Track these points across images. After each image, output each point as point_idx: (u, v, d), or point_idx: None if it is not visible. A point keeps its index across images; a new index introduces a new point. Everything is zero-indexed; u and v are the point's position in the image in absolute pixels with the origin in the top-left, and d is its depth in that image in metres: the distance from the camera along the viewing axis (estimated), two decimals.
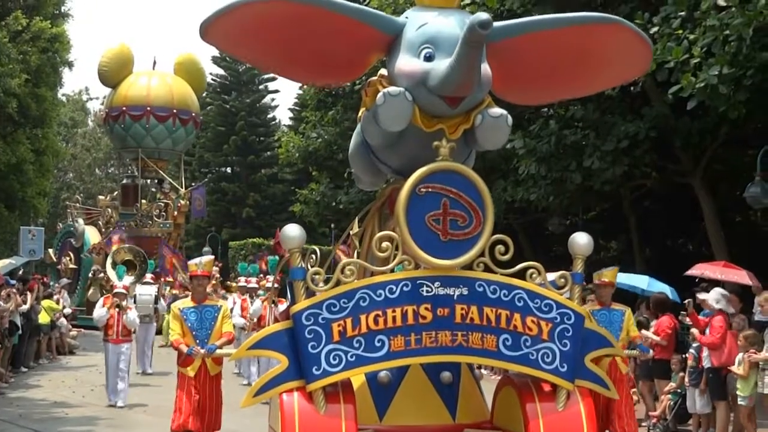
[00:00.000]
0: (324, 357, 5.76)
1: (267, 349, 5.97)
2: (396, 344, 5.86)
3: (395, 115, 5.94)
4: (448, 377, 6.62)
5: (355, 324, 5.83)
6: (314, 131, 32.75)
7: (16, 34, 25.40)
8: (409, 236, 5.90)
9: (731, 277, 13.47)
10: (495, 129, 6.17)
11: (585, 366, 6.31)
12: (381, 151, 6.81)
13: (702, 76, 12.69)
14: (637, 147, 16.68)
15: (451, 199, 5.99)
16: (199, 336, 9.95)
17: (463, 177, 6.04)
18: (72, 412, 14.27)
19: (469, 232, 6.02)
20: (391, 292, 5.91)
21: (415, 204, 5.94)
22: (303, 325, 5.79)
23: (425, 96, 6.00)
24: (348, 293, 5.90)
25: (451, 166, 6.03)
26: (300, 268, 5.95)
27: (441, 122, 6.11)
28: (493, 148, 6.55)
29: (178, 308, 10.25)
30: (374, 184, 7.94)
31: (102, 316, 15.18)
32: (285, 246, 5.99)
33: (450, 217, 5.98)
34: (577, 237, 6.55)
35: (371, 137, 6.71)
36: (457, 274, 6.04)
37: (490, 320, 6.01)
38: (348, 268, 5.95)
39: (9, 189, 26.78)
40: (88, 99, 67.94)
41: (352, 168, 7.81)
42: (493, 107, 6.20)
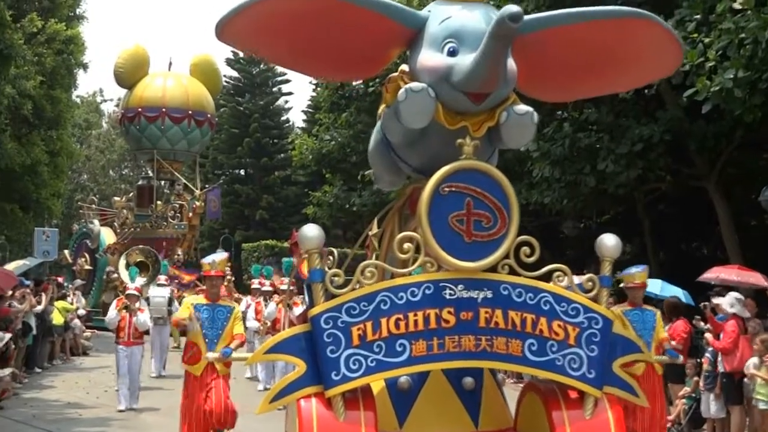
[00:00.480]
0: (343, 362, 5.53)
1: (284, 354, 5.76)
2: (418, 349, 5.62)
3: (417, 112, 5.73)
4: (470, 383, 6.36)
5: (376, 328, 5.59)
6: (328, 133, 32.79)
7: (32, 36, 25.54)
8: (431, 237, 5.66)
9: (747, 279, 13.42)
10: (520, 127, 5.92)
11: (613, 372, 6.06)
12: (402, 149, 6.58)
13: (717, 79, 12.62)
14: (652, 150, 16.62)
15: (476, 198, 5.75)
16: (209, 335, 9.92)
17: (487, 176, 5.80)
18: (85, 413, 14.31)
19: (494, 233, 5.77)
20: (413, 295, 5.68)
21: (437, 204, 5.70)
22: (321, 329, 5.56)
23: (448, 92, 5.75)
24: (368, 296, 5.65)
25: (475, 165, 5.79)
26: (318, 270, 5.70)
27: (464, 119, 5.85)
28: (518, 147, 6.31)
29: (191, 303, 10.28)
30: (394, 183, 7.63)
31: (113, 319, 15.00)
32: (303, 247, 5.73)
33: (474, 218, 5.74)
34: (605, 239, 6.29)
35: (392, 134, 6.48)
36: (481, 276, 5.79)
37: (515, 324, 5.78)
38: (368, 269, 5.69)
39: (23, 190, 26.90)
40: (102, 101, 68.31)
41: (372, 166, 7.57)
42: (519, 104, 5.95)
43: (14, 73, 22.18)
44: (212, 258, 10.59)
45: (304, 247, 5.72)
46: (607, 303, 6.12)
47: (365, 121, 31.10)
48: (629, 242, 25.51)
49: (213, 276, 10.23)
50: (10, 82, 21.75)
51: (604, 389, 5.96)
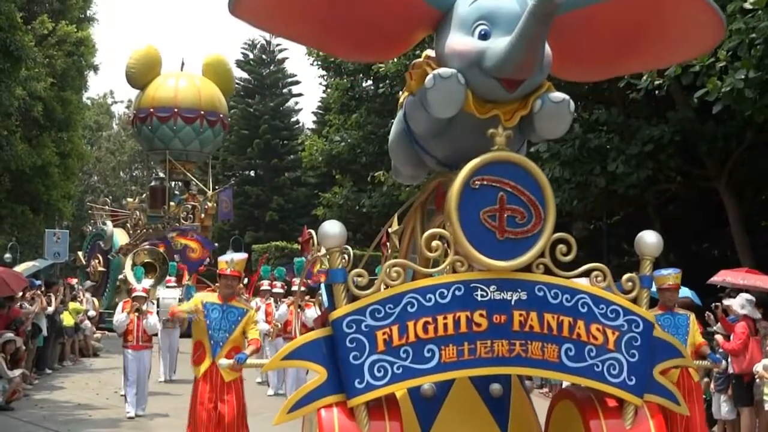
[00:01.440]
0: (367, 368, 5.18)
1: (303, 360, 5.35)
2: (447, 355, 5.26)
3: (446, 100, 5.31)
4: (498, 390, 6.04)
5: (402, 332, 5.24)
6: (338, 135, 32.83)
7: (42, 38, 25.61)
8: (462, 234, 5.28)
9: (754, 282, 13.37)
10: (556, 116, 5.51)
11: (654, 379, 5.68)
12: (426, 140, 6.14)
13: (728, 79, 12.58)
14: (662, 151, 16.58)
15: (509, 193, 5.37)
16: (215, 337, 9.24)
17: (521, 168, 5.42)
18: (96, 414, 14.33)
19: (529, 229, 5.41)
20: (442, 296, 5.31)
21: (468, 198, 5.32)
22: (344, 333, 5.20)
23: (480, 78, 5.36)
24: (394, 298, 5.29)
25: (508, 157, 5.41)
26: (340, 270, 5.33)
27: (496, 108, 5.45)
28: (553, 137, 5.92)
29: (201, 300, 9.53)
30: (415, 177, 7.29)
31: (122, 322, 14.33)
32: (324, 245, 5.39)
33: (507, 213, 5.36)
34: (646, 236, 5.87)
35: (416, 124, 6.04)
36: (514, 276, 5.42)
37: (551, 328, 5.41)
38: (394, 269, 5.32)
39: (34, 192, 26.95)
40: (112, 102, 68.46)
41: (392, 158, 7.17)
42: (554, 91, 5.56)
43: (25, 75, 22.21)
44: (230, 256, 9.88)
45: (324, 245, 5.38)
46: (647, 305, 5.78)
47: (375, 122, 31.16)
48: None
49: (228, 275, 9.46)
50: (20, 84, 21.78)
51: (645, 397, 5.60)
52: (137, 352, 14.45)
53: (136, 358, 14.40)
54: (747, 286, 13.18)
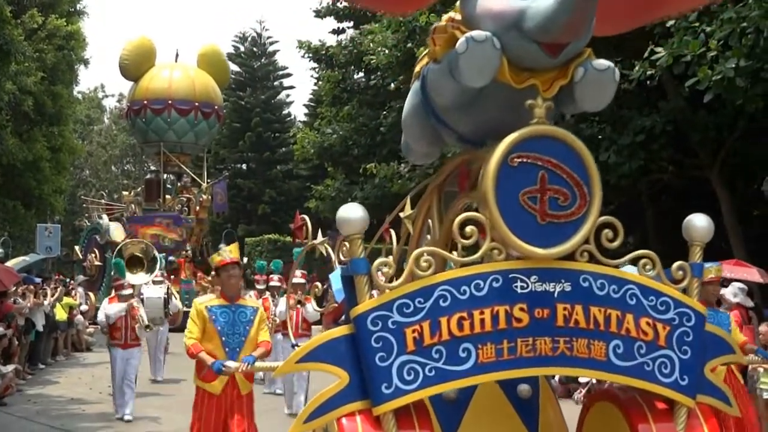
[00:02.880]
0: (396, 371, 4.59)
1: (321, 362, 4.73)
2: (485, 354, 4.69)
3: (479, 67, 4.69)
4: (526, 391, 5.56)
5: (434, 329, 4.64)
6: (329, 127, 32.79)
7: (32, 32, 25.55)
8: (500, 218, 4.69)
9: (741, 275, 13.39)
10: (600, 85, 4.92)
11: (705, 378, 5.16)
12: (449, 113, 5.48)
13: (719, 68, 12.58)
14: (654, 141, 16.58)
15: (550, 171, 4.79)
16: (230, 344, 7.92)
17: (563, 144, 4.85)
18: (89, 408, 14.29)
19: (573, 212, 4.84)
20: (478, 288, 4.73)
21: (506, 178, 4.73)
22: (368, 332, 4.62)
23: (518, 42, 4.74)
24: (425, 290, 4.69)
25: (549, 131, 4.83)
26: (362, 259, 4.76)
27: (533, 76, 4.85)
28: (595, 109, 5.26)
29: (205, 305, 8.08)
30: (429, 155, 6.65)
31: (117, 312, 13.34)
32: (344, 231, 4.80)
33: (549, 195, 4.79)
34: (695, 219, 5.34)
35: (441, 95, 5.34)
36: (557, 265, 4.85)
37: (597, 323, 4.87)
38: (424, 258, 4.71)
39: (26, 186, 26.94)
40: (103, 96, 68.23)
41: (405, 134, 6.38)
42: (596, 58, 4.99)
43: (15, 69, 22.17)
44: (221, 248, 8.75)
45: (345, 231, 4.81)
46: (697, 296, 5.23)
47: (367, 115, 31.14)
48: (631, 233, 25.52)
49: (228, 264, 8.14)
50: (10, 78, 21.75)
51: (697, 398, 5.10)
52: (126, 351, 13.48)
53: (124, 358, 13.43)
54: (734, 279, 13.22)
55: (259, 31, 59.68)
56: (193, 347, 7.80)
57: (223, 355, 7.80)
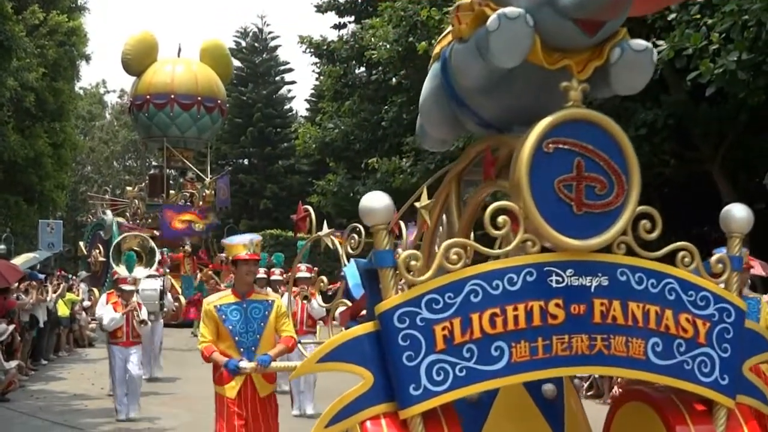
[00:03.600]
0: (425, 371, 4.29)
1: (343, 362, 4.44)
2: (519, 353, 4.40)
3: (511, 46, 4.37)
4: (551, 391, 5.33)
5: (466, 326, 4.35)
6: (331, 122, 32.73)
7: (34, 28, 25.55)
8: (534, 208, 4.42)
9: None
10: (638, 67, 4.66)
11: (745, 377, 4.89)
12: (473, 96, 5.14)
13: (720, 62, 12.56)
14: (656, 134, 16.56)
15: (587, 158, 4.53)
16: (244, 342, 7.40)
17: (600, 129, 4.60)
18: (91, 404, 14.31)
19: (610, 202, 4.56)
20: (511, 282, 4.43)
21: (540, 165, 4.45)
22: (395, 329, 4.31)
23: (552, 19, 4.43)
24: (455, 285, 4.39)
25: (586, 115, 4.58)
26: (388, 251, 4.44)
27: (567, 57, 4.56)
28: (631, 92, 5.02)
29: (214, 305, 7.53)
30: (445, 142, 6.39)
31: (117, 322, 12.97)
32: (368, 221, 4.50)
33: (585, 183, 4.52)
34: (734, 210, 5.12)
35: (466, 76, 4.99)
36: (594, 258, 4.59)
37: (636, 319, 4.58)
38: (453, 250, 4.40)
39: (28, 182, 26.97)
40: (105, 92, 68.23)
41: (422, 119, 6.03)
42: (632, 38, 4.72)
43: (16, 65, 22.15)
44: (247, 237, 8.09)
45: (369, 221, 4.51)
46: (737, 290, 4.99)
47: (368, 109, 31.08)
48: None
49: (249, 260, 7.62)
50: (12, 75, 21.72)
51: (737, 398, 4.83)
52: (127, 349, 13.08)
53: (126, 356, 13.03)
54: None
55: (261, 27, 59.59)
56: (206, 350, 7.35)
57: (236, 355, 7.35)
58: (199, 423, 12.14)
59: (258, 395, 7.52)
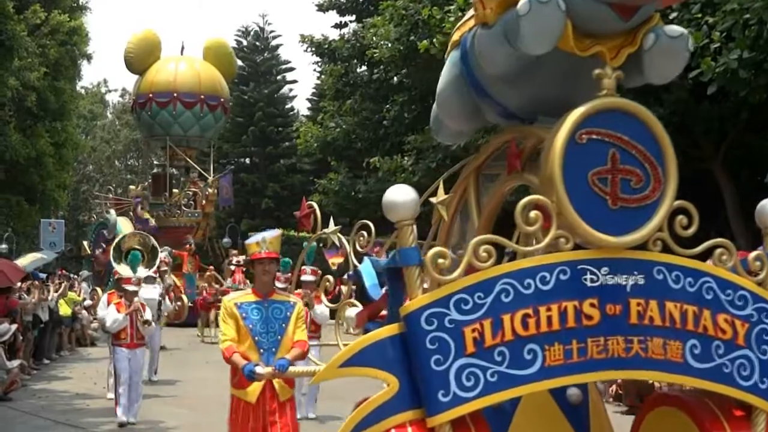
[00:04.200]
0: (454, 376, 4.01)
1: (367, 366, 4.16)
2: (553, 356, 4.13)
3: (542, 31, 4.16)
4: (576, 396, 5.11)
5: (497, 328, 4.09)
6: (332, 121, 32.73)
7: (35, 28, 25.57)
8: (568, 202, 4.18)
9: None
10: (672, 54, 4.46)
11: None
12: (496, 85, 4.92)
13: (722, 60, 12.57)
14: None
15: (622, 149, 4.30)
16: (264, 344, 6.95)
17: (636, 119, 4.36)
18: (94, 403, 14.29)
19: (646, 196, 4.34)
20: (544, 281, 4.18)
21: (574, 156, 4.22)
22: (422, 331, 4.05)
23: (585, 4, 4.25)
24: (485, 284, 4.13)
25: (621, 104, 4.34)
26: (414, 249, 4.17)
27: (599, 43, 4.35)
28: (663, 81, 4.84)
29: (234, 302, 7.13)
30: (461, 134, 6.10)
31: (120, 323, 12.54)
32: (392, 216, 4.24)
33: (620, 176, 4.29)
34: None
35: (492, 63, 4.74)
36: (630, 255, 4.35)
37: (673, 320, 4.33)
38: (483, 248, 4.13)
39: (29, 182, 27.00)
40: (106, 91, 68.24)
41: (439, 110, 5.70)
42: (665, 24, 4.50)
43: (18, 65, 22.20)
44: (261, 236, 7.44)
45: (393, 216, 4.25)
46: None
47: (370, 108, 31.08)
48: None
49: (264, 258, 7.14)
50: (13, 74, 21.76)
51: None
52: (131, 351, 12.65)
53: (130, 358, 12.59)
54: None
55: (262, 26, 59.61)
56: (227, 350, 6.90)
57: (257, 358, 6.86)
58: (201, 423, 12.16)
59: (278, 399, 7.06)
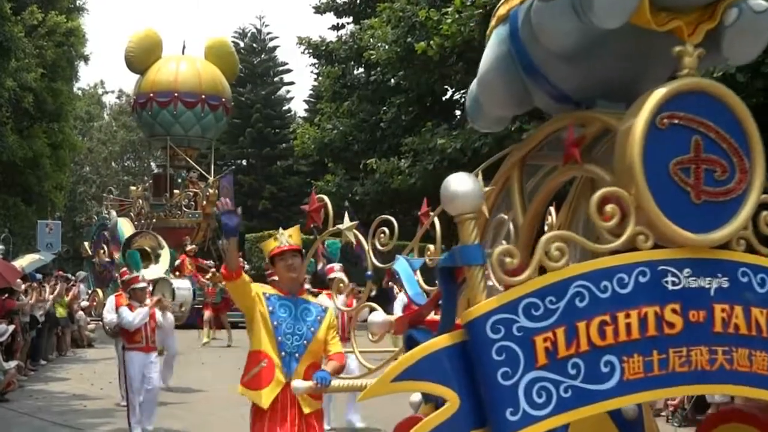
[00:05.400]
0: (523, 392, 3.51)
1: (423, 381, 3.65)
2: (632, 369, 3.60)
3: (619, 2, 3.71)
4: (633, 411, 4.67)
5: (571, 337, 3.58)
6: (329, 123, 32.78)
7: (32, 29, 25.58)
8: (649, 195, 3.67)
9: None
10: (757, 31, 3.92)
11: None
12: (552, 64, 4.36)
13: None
14: None
15: (705, 136, 3.79)
16: (287, 346, 5.97)
17: (721, 102, 3.85)
18: (91, 404, 14.29)
19: (731, 189, 3.80)
20: (622, 284, 3.66)
21: (654, 144, 3.71)
22: (488, 340, 3.53)
23: None
24: (557, 287, 3.62)
25: (705, 85, 3.84)
26: (476, 246, 3.68)
27: (677, 18, 3.84)
28: (743, 61, 4.30)
29: (263, 291, 6.13)
30: (501, 120, 5.38)
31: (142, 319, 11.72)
32: (452, 209, 3.72)
33: (704, 166, 3.77)
34: None
35: (555, 38, 4.14)
36: (712, 255, 3.82)
37: (759, 328, 3.82)
38: (555, 245, 3.64)
39: (26, 183, 26.99)
40: (103, 92, 68.19)
41: (481, 94, 5.02)
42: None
43: (15, 66, 22.20)
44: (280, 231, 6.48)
45: (453, 209, 3.72)
46: None
47: (367, 110, 31.15)
48: None
49: (285, 251, 6.18)
50: (10, 75, 21.76)
51: None
52: (147, 355, 11.82)
53: (145, 363, 11.76)
54: None
55: (259, 27, 59.72)
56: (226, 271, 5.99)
57: (276, 358, 5.96)
58: (202, 427, 12.17)
59: (302, 410, 5.99)
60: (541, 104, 4.82)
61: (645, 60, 4.06)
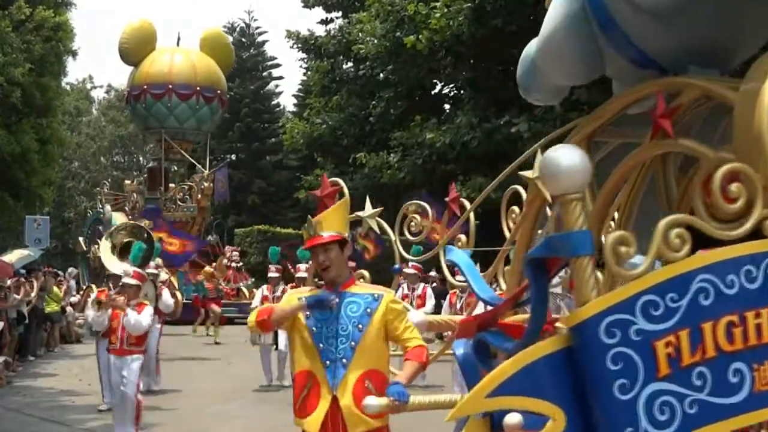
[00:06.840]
0: (644, 408, 2.89)
1: (523, 396, 2.96)
2: (763, 379, 3.01)
3: None
4: None
5: (695, 341, 2.97)
6: (318, 117, 32.76)
7: (20, 24, 25.41)
8: None
9: None
10: None
11: None
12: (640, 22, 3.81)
13: None
14: None
15: None
16: (330, 353, 4.93)
17: None
18: (79, 400, 14.27)
19: None
20: (750, 278, 3.02)
21: None
22: (602, 346, 2.90)
23: None
24: (679, 281, 2.98)
25: None
26: (585, 232, 2.96)
27: None
28: None
29: (298, 297, 5.10)
30: (559, 91, 4.92)
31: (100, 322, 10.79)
32: (554, 188, 3.07)
33: None
34: None
35: None
36: None
37: None
38: (676, 231, 2.98)
39: (14, 178, 26.81)
40: (92, 87, 67.97)
41: (541, 58, 4.42)
42: None
43: (2, 61, 22.08)
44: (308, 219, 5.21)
45: (555, 187, 3.06)
46: None
47: (356, 105, 31.15)
48: None
49: (314, 246, 5.08)
50: None
51: None
52: (120, 359, 10.44)
53: (118, 367, 10.46)
54: None
55: (248, 22, 59.56)
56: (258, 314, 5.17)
57: (321, 372, 4.95)
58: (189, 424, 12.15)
59: None
60: (614, 71, 4.40)
61: (745, 21, 3.69)
